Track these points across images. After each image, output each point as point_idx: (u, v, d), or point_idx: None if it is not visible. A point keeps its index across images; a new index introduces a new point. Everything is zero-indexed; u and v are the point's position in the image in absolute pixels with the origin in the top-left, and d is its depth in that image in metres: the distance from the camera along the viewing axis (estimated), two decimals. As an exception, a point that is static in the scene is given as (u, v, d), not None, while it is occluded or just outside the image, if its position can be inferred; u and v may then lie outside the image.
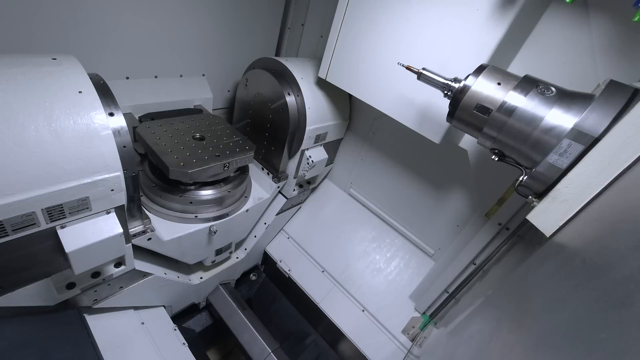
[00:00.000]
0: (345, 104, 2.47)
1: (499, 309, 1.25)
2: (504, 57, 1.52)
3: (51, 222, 1.17)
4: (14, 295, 1.29)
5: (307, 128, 2.17)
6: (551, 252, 1.04)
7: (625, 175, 0.87)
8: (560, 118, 1.06)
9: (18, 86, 1.08)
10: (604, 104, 1.00)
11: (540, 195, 1.11)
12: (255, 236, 2.61)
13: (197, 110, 2.33)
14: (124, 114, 2.08)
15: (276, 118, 2.21)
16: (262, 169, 2.45)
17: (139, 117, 2.05)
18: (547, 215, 1.03)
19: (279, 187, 2.43)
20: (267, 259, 2.89)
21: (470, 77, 1.24)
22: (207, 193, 1.91)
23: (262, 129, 2.36)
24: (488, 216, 1.94)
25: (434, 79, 1.34)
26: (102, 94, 1.23)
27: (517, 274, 1.32)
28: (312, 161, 2.32)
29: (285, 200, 2.58)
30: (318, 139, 2.34)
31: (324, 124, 2.30)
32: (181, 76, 2.32)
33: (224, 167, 1.85)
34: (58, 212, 1.16)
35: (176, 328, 2.05)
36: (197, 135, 1.96)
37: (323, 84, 2.22)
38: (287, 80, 2.15)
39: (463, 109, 1.25)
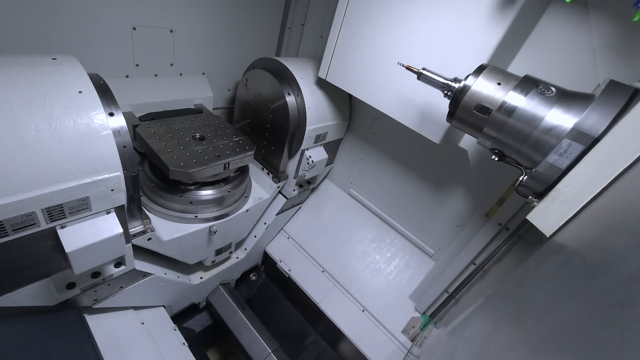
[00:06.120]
0: (345, 104, 2.47)
1: (499, 309, 1.25)
2: (504, 57, 1.52)
3: (51, 222, 1.17)
4: (14, 295, 1.29)
5: (307, 128, 2.17)
6: (551, 252, 1.04)
7: (625, 175, 0.87)
8: (560, 118, 1.06)
9: (18, 86, 1.08)
10: (604, 104, 1.00)
11: (540, 195, 1.11)
12: (255, 236, 2.61)
13: (198, 110, 2.33)
14: (124, 113, 2.11)
15: (276, 118, 2.21)
16: (262, 169, 2.45)
17: (139, 116, 2.06)
18: (547, 215, 1.03)
19: (279, 187, 2.42)
20: (267, 259, 2.88)
21: (470, 77, 1.24)
22: (207, 193, 1.91)
23: (262, 129, 2.36)
24: (488, 216, 1.94)
25: (434, 79, 1.34)
26: (102, 94, 1.24)
27: (517, 274, 1.32)
28: (312, 161, 2.32)
29: (285, 200, 2.58)
30: (318, 139, 2.34)
31: (324, 124, 2.30)
32: (181, 75, 2.32)
33: (224, 167, 1.86)
34: (58, 212, 1.17)
35: (176, 328, 2.05)
36: (197, 135, 1.98)
37: (323, 84, 2.22)
38: (287, 80, 2.15)
39: (463, 109, 1.25)
